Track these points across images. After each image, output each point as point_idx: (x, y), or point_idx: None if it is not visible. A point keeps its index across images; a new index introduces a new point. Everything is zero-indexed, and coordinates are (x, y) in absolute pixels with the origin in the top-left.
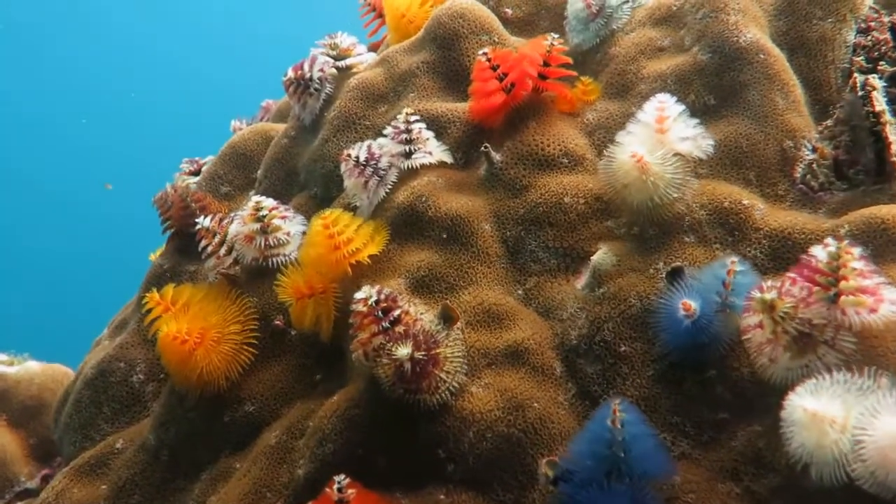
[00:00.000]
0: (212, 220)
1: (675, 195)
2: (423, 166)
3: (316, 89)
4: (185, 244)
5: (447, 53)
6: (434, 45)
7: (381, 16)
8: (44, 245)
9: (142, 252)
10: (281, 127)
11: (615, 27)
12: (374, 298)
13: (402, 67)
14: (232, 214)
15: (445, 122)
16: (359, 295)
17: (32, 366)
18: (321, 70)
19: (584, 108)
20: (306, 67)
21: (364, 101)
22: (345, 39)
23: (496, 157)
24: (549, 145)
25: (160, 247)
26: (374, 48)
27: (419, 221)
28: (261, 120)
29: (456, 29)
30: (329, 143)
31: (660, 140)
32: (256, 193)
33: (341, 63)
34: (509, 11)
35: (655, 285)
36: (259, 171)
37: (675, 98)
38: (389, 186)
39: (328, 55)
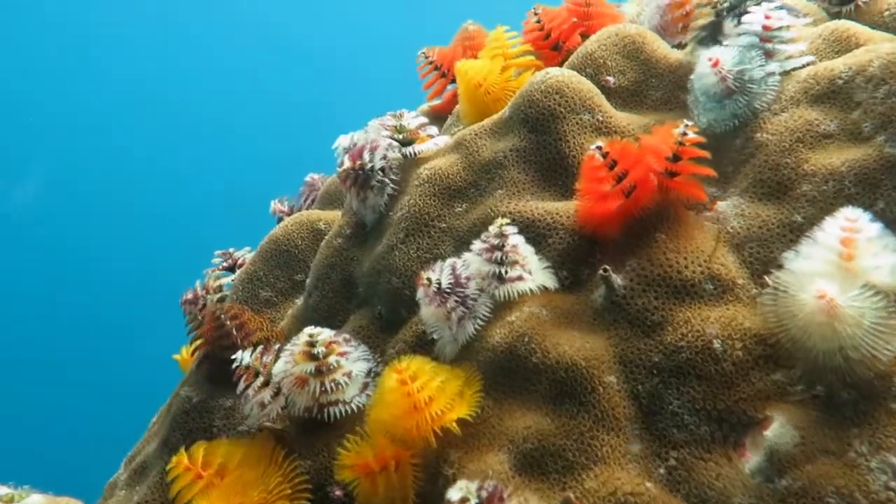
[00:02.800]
0: (252, 353)
1: (878, 347)
2: (521, 294)
3: (378, 182)
4: (218, 370)
5: (542, 138)
6: (525, 128)
7: (444, 75)
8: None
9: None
10: (330, 216)
11: (759, 105)
12: (475, 502)
13: (484, 155)
14: (277, 346)
15: (544, 228)
16: (453, 495)
17: (36, 501)
18: (384, 158)
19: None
20: (366, 156)
21: (438, 197)
22: (411, 119)
23: (618, 281)
24: (687, 266)
25: (186, 346)
26: (437, 112)
27: (522, 370)
28: (305, 200)
29: (552, 108)
30: (396, 252)
31: (847, 269)
32: (306, 308)
33: (409, 150)
34: (612, 80)
35: (861, 479)
36: (308, 279)
37: (866, 214)
38: (481, 321)
39: (392, 139)
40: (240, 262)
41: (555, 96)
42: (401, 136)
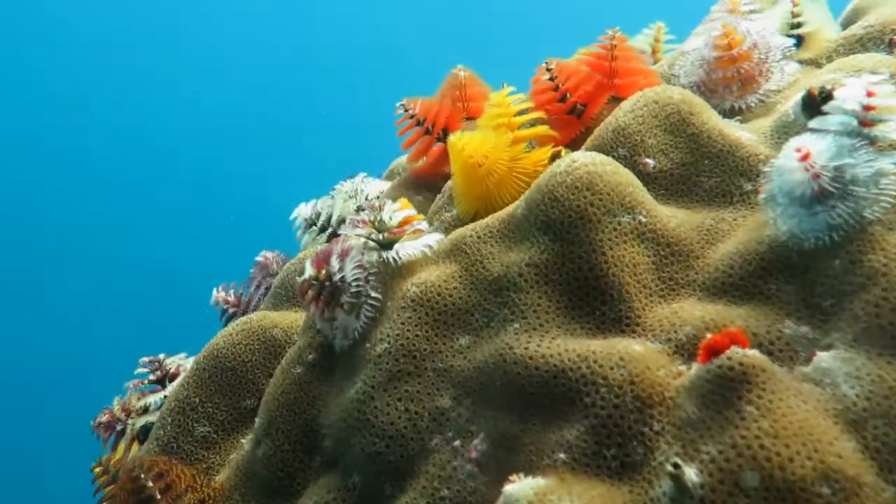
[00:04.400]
0: None
1: None
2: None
3: (351, 298)
4: None
5: (569, 249)
6: (546, 235)
7: (428, 132)
8: None
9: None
10: (289, 319)
11: (869, 215)
12: None
13: (492, 269)
14: None
15: (579, 381)
16: None
17: None
18: (359, 266)
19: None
20: (334, 262)
21: (432, 326)
22: (395, 213)
23: (692, 477)
24: (792, 457)
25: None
26: (420, 176)
27: None
28: (257, 287)
29: (581, 209)
30: (377, 403)
31: None
32: (254, 459)
33: (391, 255)
34: (652, 163)
35: None
36: (258, 419)
37: None
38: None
39: (369, 238)
40: (172, 371)
41: (585, 193)
42: (380, 237)
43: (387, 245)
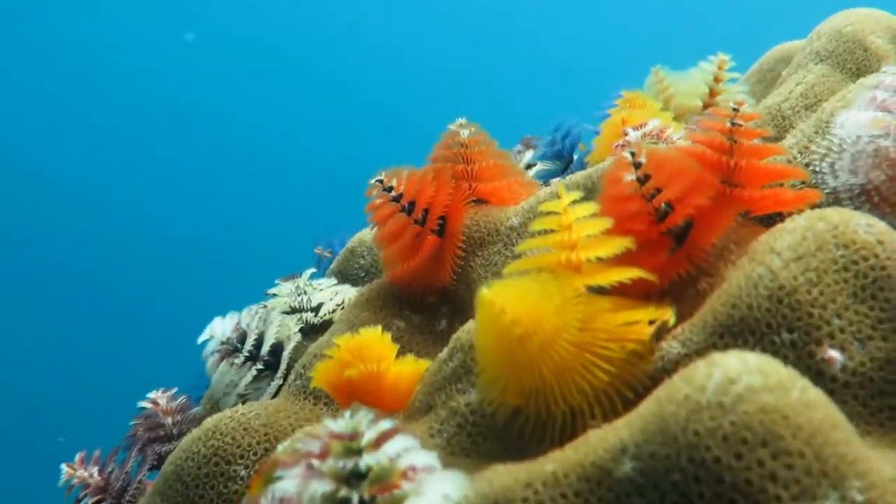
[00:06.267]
0: None
1: None
2: None
3: None
4: None
5: None
6: None
7: (418, 222)
8: None
9: None
10: None
11: None
12: None
13: None
14: None
15: None
16: None
17: None
18: None
19: None
20: None
21: None
22: (382, 448)
23: None
24: None
25: None
26: (399, 281)
27: None
28: (139, 459)
29: (758, 488)
30: None
31: None
32: None
33: None
34: (838, 358)
35: None
36: None
37: None
38: None
39: (336, 498)
40: None
41: (760, 453)
42: (357, 498)
43: None
